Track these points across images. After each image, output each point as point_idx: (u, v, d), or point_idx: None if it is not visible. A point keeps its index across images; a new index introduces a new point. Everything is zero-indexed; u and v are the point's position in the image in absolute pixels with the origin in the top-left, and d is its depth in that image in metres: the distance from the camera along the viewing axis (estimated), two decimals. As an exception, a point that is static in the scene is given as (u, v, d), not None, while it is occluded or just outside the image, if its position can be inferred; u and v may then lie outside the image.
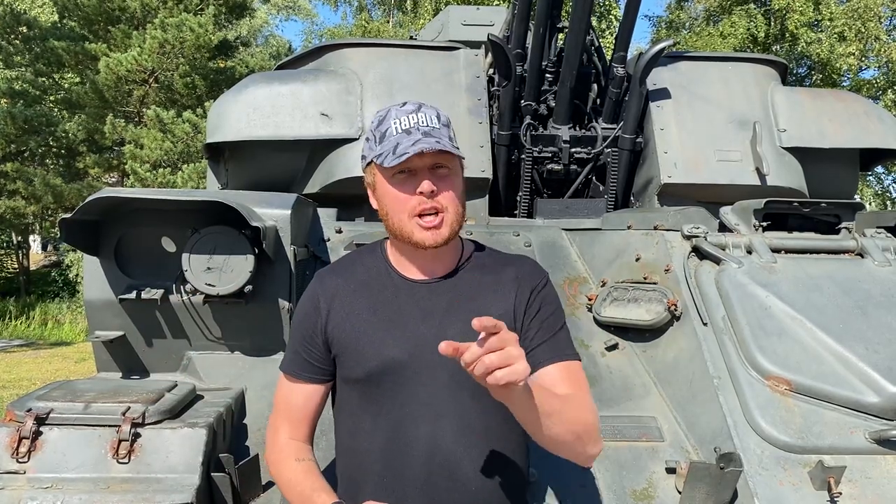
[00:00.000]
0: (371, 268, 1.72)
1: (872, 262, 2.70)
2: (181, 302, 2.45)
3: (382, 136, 1.59)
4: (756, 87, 3.77)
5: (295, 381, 1.73)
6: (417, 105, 1.61)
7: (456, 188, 1.61)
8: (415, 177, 1.57)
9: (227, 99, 3.63)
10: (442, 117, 1.62)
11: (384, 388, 1.61)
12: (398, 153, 1.53)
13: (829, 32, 16.76)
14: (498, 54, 3.44)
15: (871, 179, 19.70)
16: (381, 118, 1.62)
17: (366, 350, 1.62)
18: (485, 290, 1.66)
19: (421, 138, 1.54)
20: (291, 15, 35.63)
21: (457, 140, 1.67)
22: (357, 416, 1.65)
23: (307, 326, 1.70)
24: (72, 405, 1.93)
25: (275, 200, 2.60)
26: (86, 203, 2.28)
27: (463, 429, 1.58)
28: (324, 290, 1.71)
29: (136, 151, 15.25)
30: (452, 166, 1.60)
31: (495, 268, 1.71)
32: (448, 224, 1.58)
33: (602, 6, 18.14)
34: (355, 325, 1.65)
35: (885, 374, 2.25)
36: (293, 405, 1.73)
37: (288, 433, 1.73)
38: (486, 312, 1.58)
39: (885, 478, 2.12)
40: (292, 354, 1.74)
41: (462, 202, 1.63)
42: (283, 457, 1.69)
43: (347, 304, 1.67)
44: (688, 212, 2.99)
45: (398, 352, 1.59)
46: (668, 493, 2.17)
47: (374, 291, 1.68)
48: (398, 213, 1.59)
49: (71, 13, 16.91)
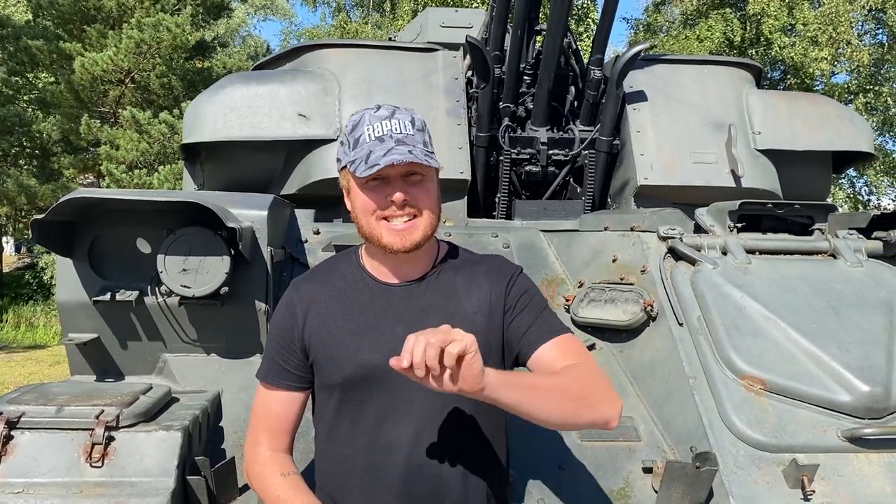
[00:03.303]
0: (346, 274, 1.72)
1: (844, 262, 2.74)
2: (156, 304, 2.43)
3: (356, 141, 1.58)
4: (731, 90, 3.82)
5: (273, 390, 1.71)
6: (391, 110, 1.59)
7: (430, 194, 1.60)
8: (387, 184, 1.56)
9: (203, 99, 3.60)
10: (417, 121, 1.61)
11: (361, 393, 1.60)
12: (370, 163, 1.52)
13: (803, 37, 16.97)
14: (476, 56, 3.45)
15: (844, 182, 19.98)
16: (355, 123, 1.60)
17: (342, 356, 1.61)
18: (458, 290, 1.67)
19: (393, 147, 1.53)
20: (269, 15, 35.42)
21: (433, 143, 1.67)
22: (335, 422, 1.64)
23: (284, 334, 1.69)
24: (44, 408, 1.90)
25: (251, 201, 2.58)
26: (59, 203, 2.25)
27: (440, 430, 1.58)
28: (300, 298, 1.70)
29: (112, 152, 15.06)
30: (426, 172, 1.59)
31: (468, 267, 1.72)
32: (420, 228, 1.58)
33: (580, 9, 18.23)
34: (331, 331, 1.64)
35: (857, 373, 2.28)
36: (272, 415, 1.71)
37: (269, 445, 1.71)
38: (461, 311, 1.61)
39: (856, 476, 2.15)
40: (269, 363, 1.72)
41: (437, 207, 1.63)
42: (268, 472, 1.67)
43: (324, 311, 1.67)
44: (664, 213, 3.01)
45: (374, 357, 1.58)
46: (644, 493, 2.19)
47: (349, 297, 1.67)
48: (367, 216, 1.59)
49: (45, 12, 16.67)
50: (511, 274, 1.71)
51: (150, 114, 15.42)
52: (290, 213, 2.91)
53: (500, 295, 1.66)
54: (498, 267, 1.72)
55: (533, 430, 2.31)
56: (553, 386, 1.50)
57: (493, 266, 1.72)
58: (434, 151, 1.63)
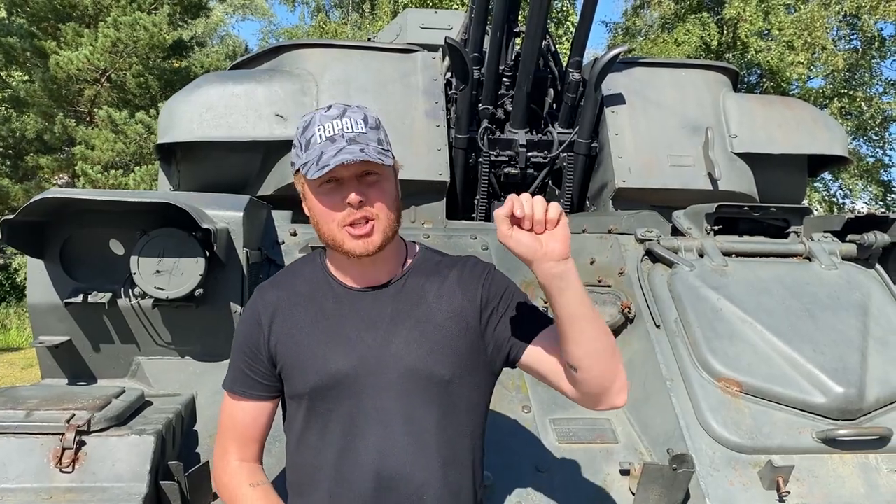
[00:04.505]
0: (311, 279, 1.67)
1: (819, 265, 2.77)
2: (129, 306, 2.39)
3: (307, 143, 1.52)
4: (708, 94, 3.84)
5: (240, 400, 1.67)
6: (342, 109, 1.54)
7: (387, 194, 1.54)
8: (342, 186, 1.50)
9: (179, 98, 3.56)
10: (370, 119, 1.55)
11: (329, 402, 1.56)
12: (321, 164, 1.47)
13: (779, 42, 17.17)
14: (455, 58, 3.44)
15: (819, 185, 20.24)
16: (306, 124, 1.54)
17: (309, 365, 1.57)
18: (429, 294, 1.62)
19: (345, 146, 1.47)
20: (248, 15, 35.15)
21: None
22: (304, 431, 1.60)
23: (250, 343, 1.64)
24: (13, 412, 1.87)
25: (227, 202, 2.55)
26: (30, 203, 2.20)
27: (412, 437, 1.54)
28: (264, 305, 1.65)
29: (87, 152, 14.87)
30: (382, 172, 1.54)
31: (439, 270, 1.67)
32: (380, 231, 1.53)
33: (559, 12, 18.31)
34: (298, 339, 1.60)
35: (832, 375, 2.30)
36: (240, 425, 1.68)
37: (237, 455, 1.68)
38: (433, 317, 1.58)
39: (831, 477, 2.17)
40: (235, 372, 1.67)
41: (395, 207, 1.58)
42: (236, 483, 1.64)
43: (289, 319, 1.62)
44: (641, 215, 3.02)
45: (342, 365, 1.55)
46: (621, 495, 2.19)
47: (315, 303, 1.62)
48: (327, 224, 1.54)
49: (20, 9, 16.43)
50: (483, 276, 1.67)
51: (127, 114, 15.24)
52: (267, 214, 2.88)
53: (474, 300, 1.62)
54: (469, 270, 1.68)
55: (511, 432, 2.32)
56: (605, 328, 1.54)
57: (465, 270, 1.67)
58: (390, 149, 1.58)
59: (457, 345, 1.58)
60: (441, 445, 1.56)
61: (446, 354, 1.57)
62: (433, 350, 1.56)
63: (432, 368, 1.55)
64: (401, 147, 2.86)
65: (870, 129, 19.39)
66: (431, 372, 1.55)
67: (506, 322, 1.62)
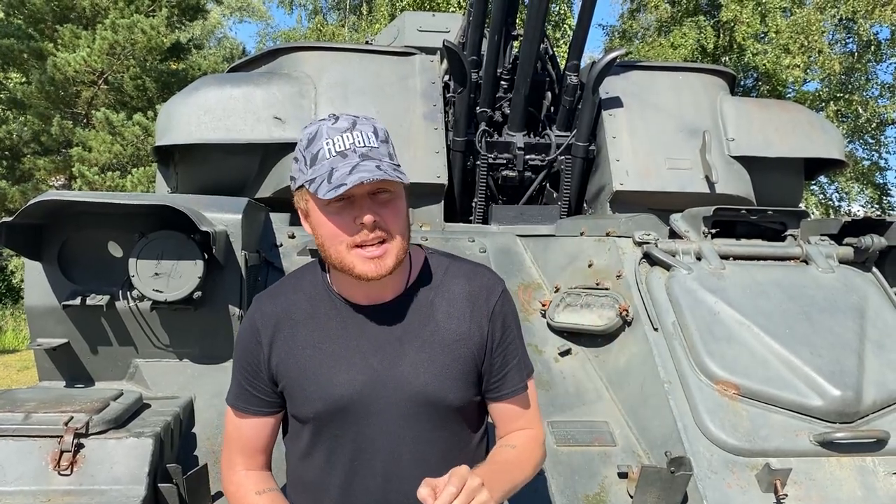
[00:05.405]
0: (313, 295, 1.58)
1: (816, 268, 2.77)
2: (128, 308, 2.39)
3: (314, 157, 1.41)
4: (705, 97, 3.85)
5: (244, 416, 1.62)
6: (352, 121, 1.43)
7: (400, 213, 1.45)
8: (353, 205, 1.40)
9: (177, 101, 3.56)
10: (380, 132, 1.45)
11: (336, 427, 1.52)
12: (334, 182, 1.35)
13: (775, 45, 17.20)
14: (453, 61, 3.44)
15: (815, 188, 20.28)
16: (311, 136, 1.42)
17: (312, 390, 1.51)
18: (437, 312, 1.55)
19: (359, 163, 1.37)
20: (245, 17, 35.13)
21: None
22: (310, 449, 1.57)
23: (250, 361, 1.58)
24: (11, 415, 1.87)
25: (225, 204, 2.55)
26: (29, 206, 2.21)
27: (419, 460, 1.50)
28: (264, 322, 1.57)
29: (85, 154, 14.84)
30: (395, 189, 1.44)
31: (446, 284, 1.59)
32: (393, 254, 1.43)
33: (556, 15, 18.32)
34: (299, 361, 1.53)
35: (829, 377, 2.31)
36: (245, 438, 1.64)
37: (244, 465, 1.64)
38: (441, 338, 1.53)
39: (828, 479, 2.17)
40: (238, 388, 1.62)
41: (407, 228, 1.49)
42: (243, 493, 1.61)
43: (290, 338, 1.55)
44: (639, 218, 3.03)
45: (347, 390, 1.49)
46: (619, 498, 2.19)
47: (317, 322, 1.55)
48: (335, 245, 1.43)
49: (17, 10, 16.42)
50: (494, 302, 1.59)
51: (124, 115, 15.21)
52: (265, 216, 2.89)
53: (482, 329, 1.56)
54: (479, 287, 1.59)
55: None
56: (514, 464, 1.58)
57: (475, 286, 1.59)
58: (400, 164, 1.48)
59: (464, 368, 1.54)
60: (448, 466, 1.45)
61: (454, 378, 1.53)
62: (441, 374, 1.52)
63: (440, 394, 1.51)
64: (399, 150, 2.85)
65: (866, 132, 19.44)
66: (439, 397, 1.51)
67: (495, 362, 1.59)
